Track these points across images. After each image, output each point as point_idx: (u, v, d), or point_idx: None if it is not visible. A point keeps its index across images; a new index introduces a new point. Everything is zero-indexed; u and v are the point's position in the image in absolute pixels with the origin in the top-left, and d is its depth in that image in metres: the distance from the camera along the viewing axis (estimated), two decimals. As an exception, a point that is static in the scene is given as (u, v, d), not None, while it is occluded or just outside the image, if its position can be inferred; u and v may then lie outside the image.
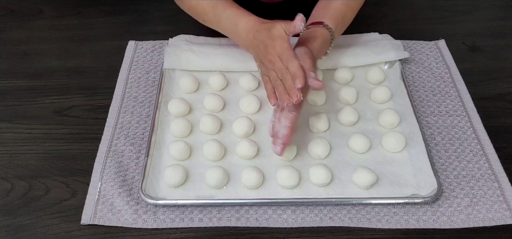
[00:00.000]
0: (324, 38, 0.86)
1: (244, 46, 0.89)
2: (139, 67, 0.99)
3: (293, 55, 0.77)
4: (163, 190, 0.76)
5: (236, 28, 0.88)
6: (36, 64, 1.02)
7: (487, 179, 0.78)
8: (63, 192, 0.77)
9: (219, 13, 0.89)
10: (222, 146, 0.81)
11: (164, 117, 0.87)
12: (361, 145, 0.81)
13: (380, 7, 1.18)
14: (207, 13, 0.92)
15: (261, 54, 0.83)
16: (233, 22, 0.88)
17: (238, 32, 0.88)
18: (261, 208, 0.74)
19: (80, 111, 0.91)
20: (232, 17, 0.88)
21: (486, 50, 1.06)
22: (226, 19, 0.89)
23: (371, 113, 0.89)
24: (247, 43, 0.87)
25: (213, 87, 0.93)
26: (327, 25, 0.86)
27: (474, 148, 0.83)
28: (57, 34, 1.11)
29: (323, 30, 0.86)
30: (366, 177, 0.75)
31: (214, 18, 0.92)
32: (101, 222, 0.72)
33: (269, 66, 0.81)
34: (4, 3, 1.20)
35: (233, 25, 0.88)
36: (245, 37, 0.87)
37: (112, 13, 1.17)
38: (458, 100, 0.91)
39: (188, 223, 0.72)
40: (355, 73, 0.96)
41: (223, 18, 0.89)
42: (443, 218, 0.73)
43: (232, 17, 0.88)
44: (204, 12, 0.92)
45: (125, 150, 0.82)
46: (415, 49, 1.03)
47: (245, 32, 0.86)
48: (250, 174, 0.76)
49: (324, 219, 0.73)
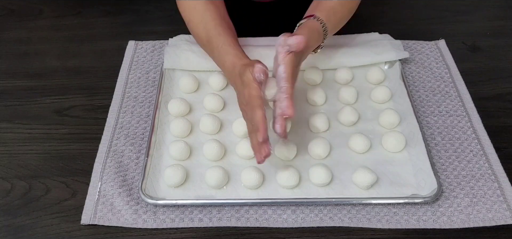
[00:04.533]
0: (314, 28, 0.84)
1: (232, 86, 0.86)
2: (139, 67, 0.99)
3: (257, 105, 0.72)
4: (163, 190, 0.76)
5: (223, 69, 0.87)
6: (36, 64, 1.02)
7: (487, 179, 0.78)
8: (63, 192, 0.77)
9: (212, 49, 0.88)
10: (222, 146, 0.81)
11: (164, 117, 0.87)
12: (361, 145, 0.81)
13: (380, 7, 1.18)
14: (204, 46, 0.92)
15: (238, 101, 0.79)
16: (221, 61, 0.86)
17: (225, 73, 0.87)
18: (261, 208, 0.74)
19: (80, 111, 0.91)
20: (220, 56, 0.86)
21: (486, 50, 1.06)
22: (216, 57, 0.88)
23: (371, 113, 0.89)
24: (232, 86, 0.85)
25: (213, 87, 0.93)
26: (317, 17, 0.85)
27: (474, 148, 0.83)
28: (57, 34, 1.11)
29: (313, 22, 0.84)
30: (366, 177, 0.75)
31: (210, 53, 0.91)
32: (101, 222, 0.72)
33: (243, 115, 0.78)
34: (4, 3, 1.20)
35: (222, 65, 0.87)
36: (229, 80, 0.86)
37: (112, 13, 1.17)
38: (458, 100, 0.91)
39: (188, 223, 0.72)
40: (355, 73, 0.96)
41: (215, 56, 0.89)
42: (443, 218, 0.73)
43: (220, 56, 0.86)
44: (202, 44, 0.92)
45: (125, 150, 0.82)
46: (415, 49, 1.03)
47: (228, 74, 0.85)
48: (250, 174, 0.76)
49: (324, 219, 0.73)
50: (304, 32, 0.81)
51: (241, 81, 0.76)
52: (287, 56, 0.74)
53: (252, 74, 0.73)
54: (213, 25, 0.87)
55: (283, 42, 0.75)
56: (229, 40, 0.85)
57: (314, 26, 0.84)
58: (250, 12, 0.89)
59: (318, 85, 0.93)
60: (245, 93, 0.75)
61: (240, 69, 0.77)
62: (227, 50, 0.84)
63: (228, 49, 0.84)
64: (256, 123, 0.71)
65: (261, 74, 0.73)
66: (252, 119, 0.72)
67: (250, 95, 0.73)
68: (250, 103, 0.73)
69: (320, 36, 0.85)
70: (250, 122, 0.74)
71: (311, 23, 0.84)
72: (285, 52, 0.75)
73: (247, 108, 0.75)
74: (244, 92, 0.75)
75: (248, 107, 0.74)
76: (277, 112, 0.73)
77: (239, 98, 0.79)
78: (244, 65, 0.77)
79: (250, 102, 0.73)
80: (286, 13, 0.82)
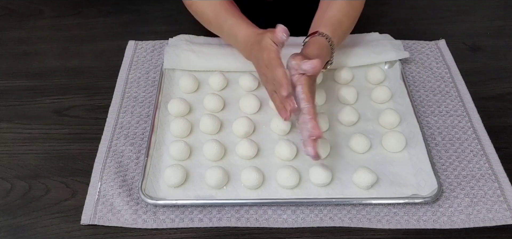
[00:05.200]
0: (321, 45, 0.84)
1: (246, 58, 0.89)
2: (139, 67, 0.99)
3: (278, 64, 0.76)
4: (163, 190, 0.76)
5: (236, 40, 0.89)
6: (36, 64, 1.02)
7: (487, 179, 0.78)
8: (63, 192, 0.77)
9: (221, 24, 0.90)
10: (222, 146, 0.81)
11: (164, 118, 0.87)
12: (361, 145, 0.81)
13: (380, 7, 1.18)
14: (211, 23, 0.93)
15: (257, 67, 0.83)
16: (233, 33, 0.88)
17: (238, 44, 0.89)
18: (261, 208, 0.74)
19: (80, 111, 0.91)
20: (232, 28, 0.88)
21: (486, 50, 1.06)
22: (227, 31, 0.90)
23: (371, 113, 0.89)
24: (247, 56, 0.88)
25: (213, 87, 0.93)
26: (322, 32, 0.84)
27: (474, 148, 0.83)
28: (57, 34, 1.11)
29: (318, 38, 0.84)
30: (366, 177, 0.75)
31: (218, 29, 0.93)
32: (101, 222, 0.72)
33: (263, 80, 0.82)
34: (4, 3, 1.20)
35: (234, 37, 0.89)
36: (244, 50, 0.88)
37: (112, 13, 1.17)
38: (458, 100, 0.91)
39: (188, 223, 0.72)
40: (355, 73, 0.96)
41: (225, 30, 0.90)
42: (443, 218, 0.73)
43: (232, 28, 0.88)
44: (208, 21, 0.93)
45: (125, 150, 0.82)
46: (415, 49, 1.03)
47: (243, 45, 0.87)
48: (250, 174, 0.76)
49: (324, 219, 0.73)
50: (314, 51, 0.81)
51: (259, 47, 0.80)
52: (303, 77, 0.76)
53: (275, 35, 0.77)
54: (219, 2, 0.90)
55: (297, 66, 0.76)
56: (238, 14, 0.89)
57: (322, 43, 0.84)
58: (251, 12, 0.89)
59: (319, 85, 0.93)
60: (264, 57, 0.78)
61: (257, 37, 0.81)
62: (239, 23, 0.88)
63: (239, 22, 0.88)
64: (279, 79, 0.75)
65: (284, 33, 0.77)
66: (274, 78, 0.76)
67: (269, 57, 0.77)
68: (270, 64, 0.77)
69: (328, 52, 0.85)
70: (271, 82, 0.78)
71: (319, 40, 0.84)
72: (300, 74, 0.76)
73: (267, 70, 0.78)
74: (263, 56, 0.79)
75: (268, 69, 0.78)
76: (305, 135, 0.74)
77: (257, 64, 0.82)
78: (260, 33, 0.82)
79: (270, 64, 0.77)
80: (286, 13, 0.82)
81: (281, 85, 0.74)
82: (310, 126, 0.73)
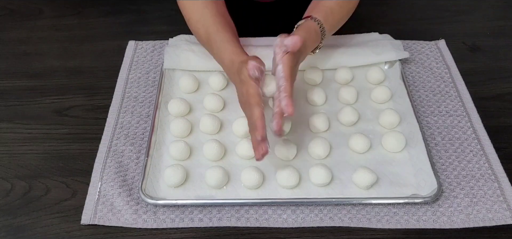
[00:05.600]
0: (310, 28, 0.84)
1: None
2: (139, 67, 0.99)
3: (255, 103, 0.72)
4: (163, 190, 0.76)
5: (223, 67, 0.87)
6: (36, 64, 1.02)
7: (487, 179, 0.78)
8: (63, 192, 0.77)
9: (211, 47, 0.88)
10: (222, 146, 0.81)
11: (164, 118, 0.87)
12: (361, 145, 0.81)
13: (380, 7, 1.18)
14: (204, 44, 0.92)
15: (239, 99, 0.80)
16: (220, 59, 0.87)
17: (225, 69, 0.88)
18: (261, 208, 0.74)
19: (80, 111, 0.91)
20: (219, 53, 0.86)
21: (486, 50, 1.06)
22: (215, 55, 0.88)
23: (371, 113, 0.89)
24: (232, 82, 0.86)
25: (213, 87, 0.93)
26: (315, 17, 0.85)
27: (474, 148, 0.83)
28: (57, 34, 1.11)
29: (310, 22, 0.85)
30: (366, 177, 0.75)
31: (209, 51, 0.91)
32: (101, 222, 0.72)
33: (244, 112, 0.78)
34: (4, 3, 1.20)
35: (221, 62, 0.87)
36: (229, 77, 0.87)
37: (112, 13, 1.17)
38: (458, 100, 0.91)
39: (188, 223, 0.72)
40: (355, 73, 0.96)
41: (214, 54, 0.89)
42: (443, 218, 0.73)
43: (219, 53, 0.86)
44: (202, 42, 0.92)
45: (125, 150, 0.82)
46: (415, 49, 1.03)
47: (227, 71, 0.86)
48: (250, 174, 0.76)
49: (324, 219, 0.73)
50: (301, 32, 0.81)
51: (239, 79, 0.76)
52: (285, 55, 0.75)
53: (247, 71, 0.74)
54: (212, 22, 0.88)
55: (280, 42, 0.75)
56: (227, 37, 0.85)
57: (311, 26, 0.84)
58: (250, 12, 0.89)
59: (318, 85, 0.93)
60: (243, 91, 0.75)
61: (238, 67, 0.78)
62: (226, 47, 0.84)
63: (226, 46, 0.84)
64: (254, 121, 0.71)
65: (255, 71, 0.74)
66: (251, 117, 0.73)
67: (248, 93, 0.74)
68: (248, 101, 0.73)
69: (317, 36, 0.85)
70: (249, 118, 0.74)
71: (309, 24, 0.84)
72: (283, 52, 0.75)
73: (245, 106, 0.75)
74: (243, 90, 0.75)
75: (246, 105, 0.75)
76: (275, 110, 0.73)
77: (238, 95, 0.79)
78: (241, 62, 0.77)
79: (248, 100, 0.74)
80: (286, 13, 0.82)
81: (256, 128, 0.70)
82: (284, 103, 0.71)
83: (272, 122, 0.73)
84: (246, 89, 0.74)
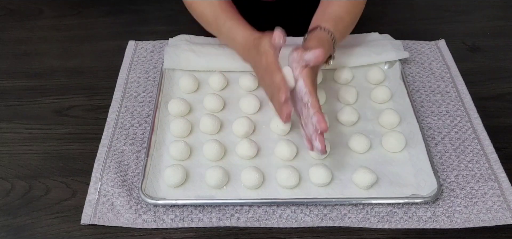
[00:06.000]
0: (322, 38, 0.83)
1: (244, 61, 0.89)
2: (139, 67, 0.99)
3: (276, 69, 0.76)
4: (163, 190, 0.76)
5: (234, 43, 0.89)
6: (36, 64, 1.02)
7: (487, 179, 0.78)
8: (63, 192, 0.77)
9: (220, 26, 0.90)
10: (222, 146, 0.81)
11: (164, 118, 0.87)
12: (361, 145, 0.81)
13: (380, 7, 1.18)
14: (210, 24, 0.93)
15: (255, 71, 0.83)
16: (232, 36, 0.88)
17: (236, 47, 0.89)
18: (261, 208, 0.74)
19: (80, 111, 0.91)
20: (230, 31, 0.88)
21: (486, 50, 1.06)
22: (225, 33, 0.89)
23: (371, 113, 0.89)
24: (245, 59, 0.88)
25: (213, 87, 0.93)
26: (323, 27, 0.84)
27: (474, 148, 0.83)
28: (57, 34, 1.11)
29: (321, 32, 0.84)
30: (366, 177, 0.75)
31: (216, 31, 0.93)
32: (101, 222, 0.72)
33: (261, 83, 0.82)
34: (4, 3, 1.20)
35: (232, 40, 0.89)
36: (242, 53, 0.88)
37: (112, 13, 1.17)
38: (458, 100, 0.91)
39: (188, 223, 0.72)
40: (355, 73, 0.96)
41: (223, 32, 0.90)
42: (443, 218, 0.73)
43: (230, 31, 0.88)
44: (208, 22, 0.93)
45: (125, 150, 0.82)
46: (415, 49, 1.03)
47: (241, 48, 0.87)
48: (250, 174, 0.76)
49: (324, 219, 0.73)
50: (315, 43, 0.81)
51: (257, 52, 0.79)
52: (304, 70, 0.76)
53: (272, 40, 0.77)
54: (218, 3, 0.89)
55: (299, 57, 0.76)
56: (237, 16, 0.88)
57: (323, 37, 0.83)
58: (251, 12, 0.89)
59: (319, 85, 0.93)
60: (262, 61, 0.78)
61: (255, 41, 0.81)
62: (237, 25, 0.87)
63: (237, 24, 0.87)
64: (277, 84, 0.74)
65: (281, 39, 0.77)
66: (272, 83, 0.76)
67: (267, 62, 0.77)
68: (269, 68, 0.77)
69: (330, 46, 0.84)
70: (269, 86, 0.78)
71: (320, 34, 0.84)
72: (302, 67, 0.76)
73: (265, 74, 0.78)
74: (262, 60, 0.78)
75: (266, 73, 0.78)
76: (311, 130, 0.74)
77: (256, 68, 0.82)
78: (258, 37, 0.81)
79: (268, 68, 0.77)
80: (286, 13, 0.83)
81: (280, 89, 0.74)
82: (315, 120, 0.72)
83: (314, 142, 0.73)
84: (265, 59, 0.77)
